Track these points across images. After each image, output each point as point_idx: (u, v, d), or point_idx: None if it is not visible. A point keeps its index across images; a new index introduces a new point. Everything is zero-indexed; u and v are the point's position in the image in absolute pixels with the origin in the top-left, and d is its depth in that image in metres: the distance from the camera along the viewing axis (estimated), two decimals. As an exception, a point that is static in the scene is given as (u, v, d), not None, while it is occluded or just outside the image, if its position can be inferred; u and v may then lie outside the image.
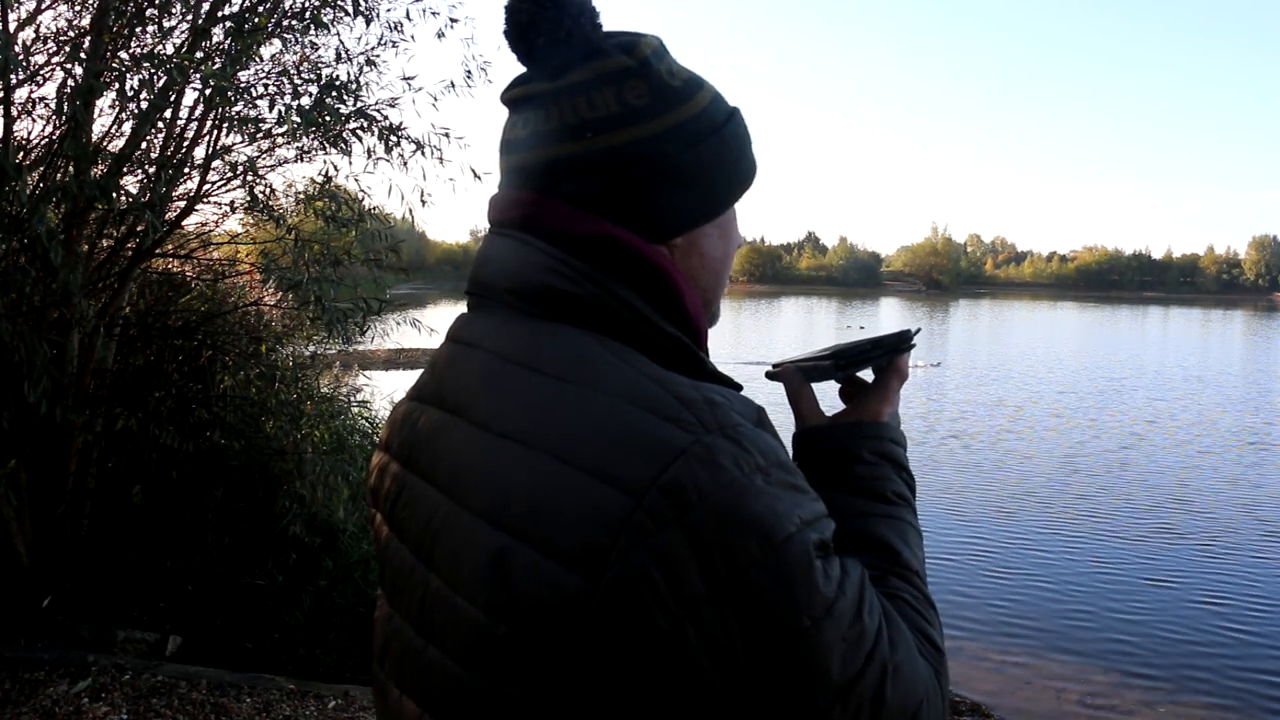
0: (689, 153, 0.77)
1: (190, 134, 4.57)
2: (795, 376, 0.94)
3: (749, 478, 0.64)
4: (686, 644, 0.62)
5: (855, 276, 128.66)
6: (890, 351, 0.93)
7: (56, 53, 4.28)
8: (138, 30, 4.22)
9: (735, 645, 0.63)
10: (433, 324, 4.61)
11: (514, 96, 0.80)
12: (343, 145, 4.71)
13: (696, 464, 0.63)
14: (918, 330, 0.99)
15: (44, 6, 4.26)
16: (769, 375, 0.99)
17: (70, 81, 3.90)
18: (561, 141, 0.76)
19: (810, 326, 46.12)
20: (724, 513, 0.62)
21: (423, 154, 4.90)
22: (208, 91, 4.11)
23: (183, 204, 4.79)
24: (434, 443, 0.78)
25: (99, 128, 4.31)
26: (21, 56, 3.90)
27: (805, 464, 0.89)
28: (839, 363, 0.93)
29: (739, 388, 0.76)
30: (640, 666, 0.64)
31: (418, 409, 0.83)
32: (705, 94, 0.80)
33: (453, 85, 5.01)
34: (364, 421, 7.08)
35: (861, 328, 43.76)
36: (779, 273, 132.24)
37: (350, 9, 4.63)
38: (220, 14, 4.26)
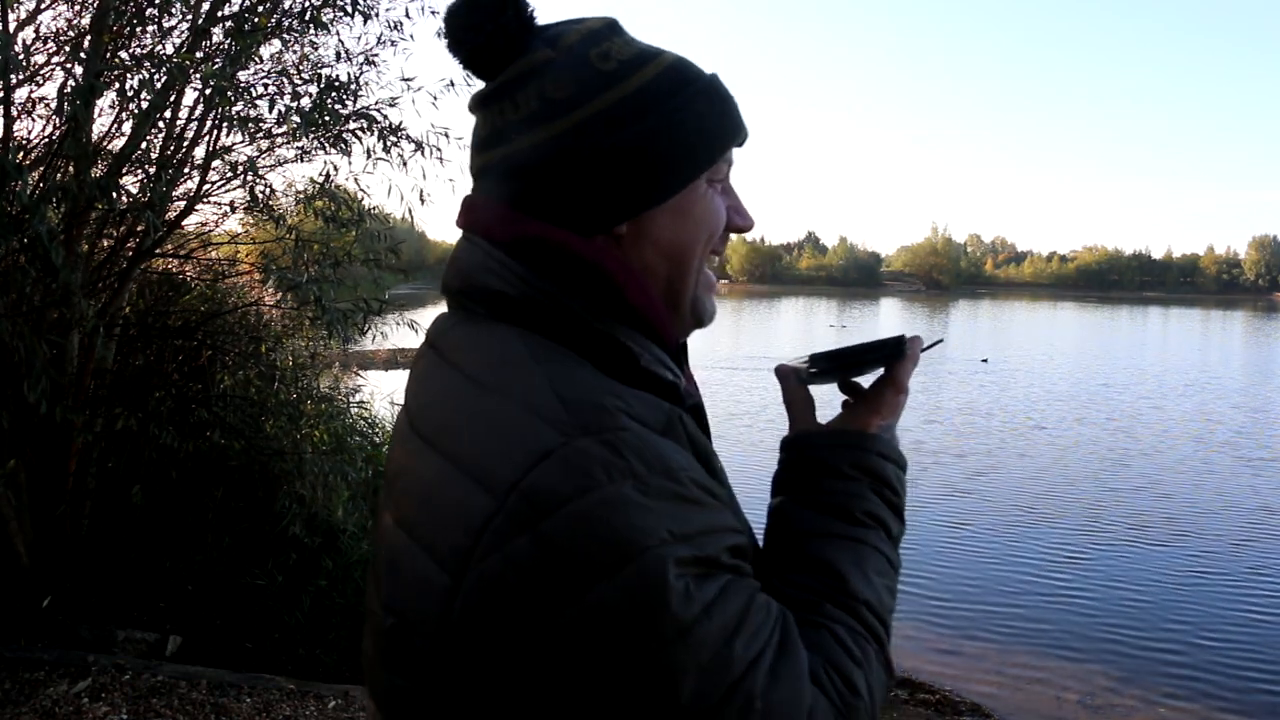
0: (614, 136, 0.73)
1: (190, 134, 4.57)
2: (791, 378, 0.92)
3: (616, 486, 0.61)
4: (535, 651, 0.61)
5: (855, 276, 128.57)
6: (886, 358, 0.88)
7: (56, 53, 4.28)
8: (138, 30, 4.21)
9: (580, 659, 0.61)
10: (433, 324, 4.60)
11: (469, 105, 0.81)
12: (343, 145, 4.71)
13: (560, 468, 0.62)
14: (939, 342, 0.93)
15: (44, 6, 4.26)
16: (776, 371, 0.96)
17: (70, 81, 3.90)
18: (495, 145, 0.76)
19: (810, 327, 46.11)
20: (579, 521, 0.60)
21: (422, 154, 4.90)
22: (208, 91, 4.11)
23: (183, 204, 4.79)
24: (393, 445, 0.82)
25: (99, 128, 4.31)
26: (21, 56, 3.90)
27: (784, 470, 0.87)
28: (826, 366, 0.89)
29: (672, 388, 0.75)
30: (499, 667, 0.63)
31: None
32: (650, 69, 0.75)
33: (452, 84, 5.00)
34: (363, 422, 7.07)
35: (844, 326, 43.67)
36: (779, 273, 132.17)
37: (350, 8, 4.62)
38: (220, 14, 4.26)
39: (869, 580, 0.78)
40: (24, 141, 4.30)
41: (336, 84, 4.58)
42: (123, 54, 4.06)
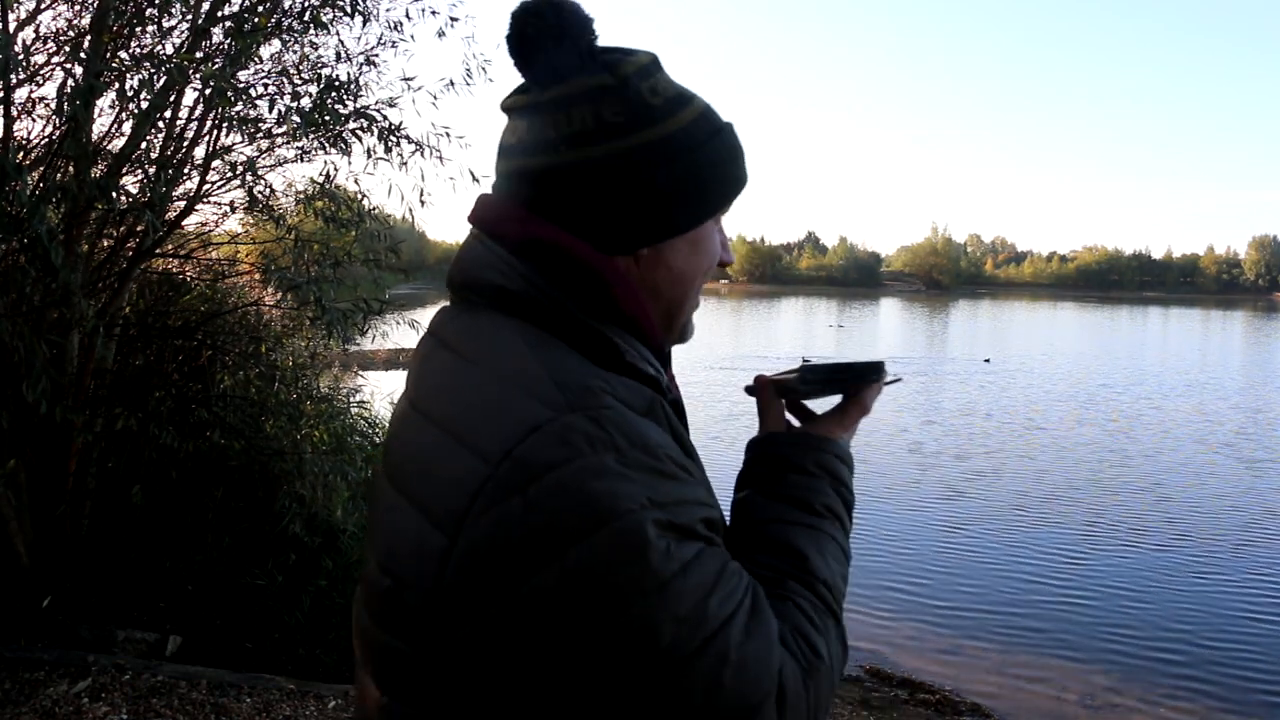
0: (659, 170, 0.80)
1: (190, 134, 4.57)
2: (767, 390, 0.99)
3: (599, 457, 0.67)
4: (523, 607, 0.66)
5: (855, 276, 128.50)
6: (858, 378, 0.97)
7: (56, 53, 4.28)
8: (138, 30, 4.21)
9: (564, 613, 0.66)
10: (433, 324, 4.60)
11: (508, 105, 0.85)
12: (342, 145, 4.71)
13: (549, 439, 0.68)
14: (898, 379, 1.03)
15: (44, 6, 4.25)
16: (748, 390, 1.03)
17: (70, 81, 3.90)
18: (539, 153, 0.80)
19: (810, 326, 46.12)
20: (564, 486, 0.66)
21: (422, 154, 4.90)
22: (208, 91, 4.11)
23: (183, 204, 4.79)
24: (392, 420, 0.87)
25: (99, 128, 4.30)
26: (21, 56, 3.90)
27: (749, 467, 0.94)
28: (805, 377, 0.97)
29: (654, 381, 0.82)
30: (491, 625, 0.68)
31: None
32: (688, 113, 0.83)
33: (452, 84, 5.00)
34: (363, 422, 7.07)
35: (841, 326, 44.32)
36: (779, 273, 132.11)
37: (349, 8, 4.62)
38: (220, 14, 4.26)
39: (827, 563, 0.86)
40: (24, 141, 4.29)
41: (336, 84, 4.58)
42: (123, 54, 4.06)
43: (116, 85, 3.87)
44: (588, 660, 0.67)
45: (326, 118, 4.40)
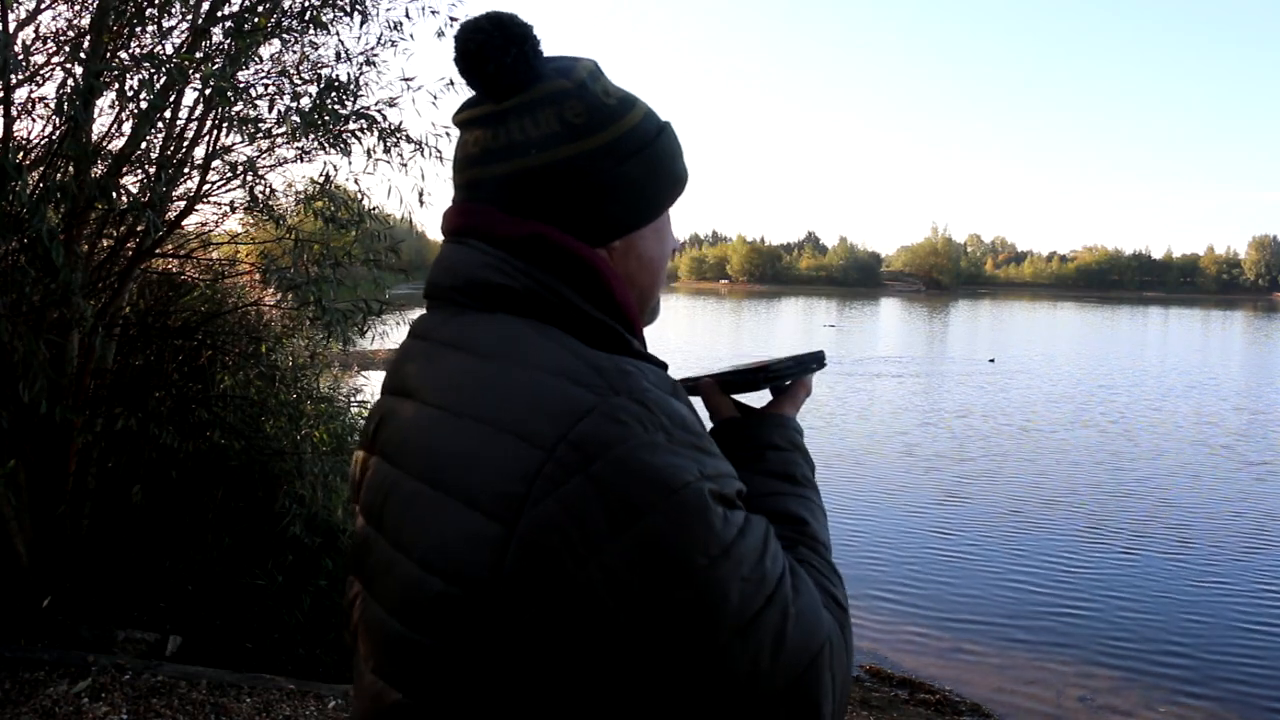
0: (623, 165, 0.85)
1: (190, 134, 4.56)
2: (712, 387, 1.05)
3: (651, 435, 0.70)
4: (593, 585, 0.67)
5: (855, 276, 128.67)
6: (799, 367, 1.06)
7: (56, 53, 4.28)
8: (138, 30, 4.21)
9: (636, 584, 0.67)
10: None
11: (465, 118, 0.87)
12: (342, 145, 4.71)
13: (603, 421, 0.70)
14: (821, 362, 1.13)
15: (44, 6, 4.25)
16: (687, 388, 1.06)
17: (70, 81, 3.89)
18: (510, 158, 0.83)
19: (809, 326, 46.16)
20: (624, 464, 0.68)
21: (422, 154, 4.91)
22: (208, 91, 4.11)
23: (183, 204, 4.78)
24: (388, 423, 0.87)
25: (99, 128, 4.30)
26: (21, 56, 3.90)
27: (723, 449, 0.96)
28: (788, 367, 1.05)
29: (664, 366, 0.85)
30: (554, 610, 0.68)
31: (382, 399, 0.92)
32: (638, 111, 0.88)
33: (452, 84, 5.00)
34: (363, 422, 7.07)
35: (832, 325, 44.94)
36: (779, 273, 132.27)
37: (349, 8, 4.62)
38: (220, 14, 4.26)
39: (820, 526, 0.93)
40: (24, 141, 4.29)
41: (336, 84, 4.58)
42: (123, 54, 4.05)
43: (116, 85, 3.87)
44: (657, 630, 0.68)
45: (326, 118, 4.41)
